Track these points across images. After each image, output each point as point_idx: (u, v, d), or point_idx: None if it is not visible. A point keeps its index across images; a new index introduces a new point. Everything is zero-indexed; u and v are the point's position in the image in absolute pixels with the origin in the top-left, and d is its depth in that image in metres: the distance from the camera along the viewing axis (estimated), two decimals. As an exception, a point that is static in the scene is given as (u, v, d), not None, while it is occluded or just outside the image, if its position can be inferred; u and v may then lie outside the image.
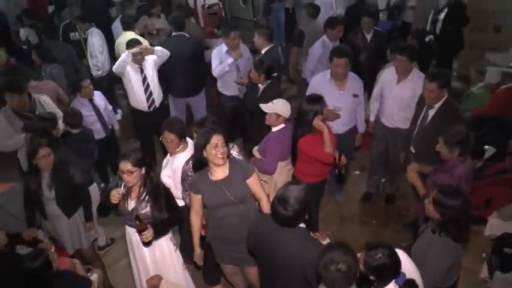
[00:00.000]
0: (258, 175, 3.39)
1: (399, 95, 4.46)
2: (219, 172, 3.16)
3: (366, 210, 5.13)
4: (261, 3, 8.27)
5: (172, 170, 3.75)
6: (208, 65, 5.66)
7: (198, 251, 3.48)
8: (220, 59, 5.43)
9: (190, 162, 3.50)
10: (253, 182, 3.23)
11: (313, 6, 6.41)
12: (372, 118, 4.88)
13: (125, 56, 5.00)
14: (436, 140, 3.46)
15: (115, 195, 3.16)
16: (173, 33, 5.76)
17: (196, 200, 3.24)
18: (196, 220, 3.37)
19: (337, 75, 4.44)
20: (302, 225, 2.70)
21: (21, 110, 4.46)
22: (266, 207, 3.24)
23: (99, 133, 5.01)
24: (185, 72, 5.51)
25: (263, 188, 3.39)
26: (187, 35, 5.75)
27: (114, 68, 5.16)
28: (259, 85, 4.68)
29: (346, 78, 4.50)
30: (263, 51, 5.29)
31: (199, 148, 3.14)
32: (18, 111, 4.45)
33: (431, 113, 4.06)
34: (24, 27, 7.44)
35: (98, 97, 5.15)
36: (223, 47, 5.42)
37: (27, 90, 4.60)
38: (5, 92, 4.42)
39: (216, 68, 5.47)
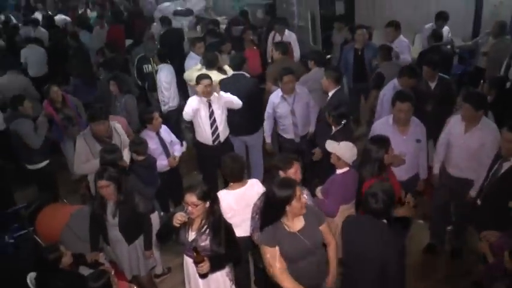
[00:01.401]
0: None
1: (466, 144, 4.27)
2: (297, 222, 3.14)
3: (428, 262, 4.87)
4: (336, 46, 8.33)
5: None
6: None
7: None
8: (274, 103, 5.51)
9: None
10: (325, 228, 3.23)
11: (386, 48, 6.40)
12: (436, 170, 4.69)
13: (195, 104, 5.22)
14: (507, 196, 3.25)
15: (178, 218, 3.17)
16: (233, 73, 5.92)
17: (274, 252, 3.13)
18: (286, 274, 3.13)
19: (400, 120, 4.34)
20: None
21: (102, 135, 4.76)
22: (334, 253, 3.22)
23: (164, 166, 5.17)
24: (242, 111, 5.56)
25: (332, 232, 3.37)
26: (247, 75, 5.88)
27: (184, 114, 5.35)
28: (333, 127, 4.71)
29: (409, 123, 4.40)
30: (330, 94, 5.30)
31: (282, 203, 3.04)
32: (99, 137, 4.74)
33: (506, 166, 3.85)
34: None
35: (164, 131, 5.30)
36: (280, 92, 5.48)
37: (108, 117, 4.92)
38: (90, 120, 4.74)
39: (266, 113, 5.60)
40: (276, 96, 5.52)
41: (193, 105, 5.24)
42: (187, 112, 5.28)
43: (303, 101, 5.53)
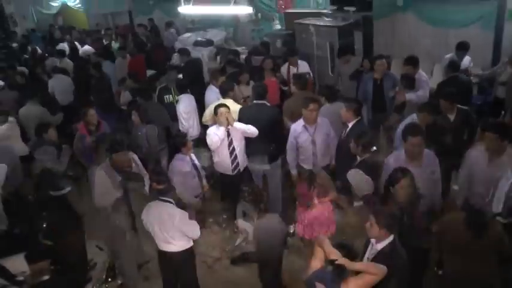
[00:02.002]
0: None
1: (490, 175, 4.19)
2: None
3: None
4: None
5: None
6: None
7: None
8: (296, 131, 5.52)
9: None
10: None
11: (408, 78, 6.38)
12: (459, 202, 4.63)
13: (220, 133, 5.38)
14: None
15: None
16: (254, 101, 5.99)
17: None
18: None
19: (413, 154, 4.31)
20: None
21: (123, 166, 4.86)
22: None
23: (195, 189, 5.26)
24: (262, 140, 5.60)
25: None
26: (268, 104, 5.95)
27: (210, 143, 5.49)
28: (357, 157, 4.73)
29: (422, 156, 4.35)
30: (350, 124, 5.32)
31: None
32: (119, 167, 4.83)
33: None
34: (126, 90, 8.16)
35: (193, 156, 5.52)
36: (302, 121, 5.50)
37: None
38: (111, 151, 4.85)
39: (289, 143, 5.63)
40: (298, 126, 5.55)
41: (219, 134, 5.34)
42: (215, 141, 5.38)
43: (323, 131, 5.55)
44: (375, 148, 4.70)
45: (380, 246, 3.51)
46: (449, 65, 6.74)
